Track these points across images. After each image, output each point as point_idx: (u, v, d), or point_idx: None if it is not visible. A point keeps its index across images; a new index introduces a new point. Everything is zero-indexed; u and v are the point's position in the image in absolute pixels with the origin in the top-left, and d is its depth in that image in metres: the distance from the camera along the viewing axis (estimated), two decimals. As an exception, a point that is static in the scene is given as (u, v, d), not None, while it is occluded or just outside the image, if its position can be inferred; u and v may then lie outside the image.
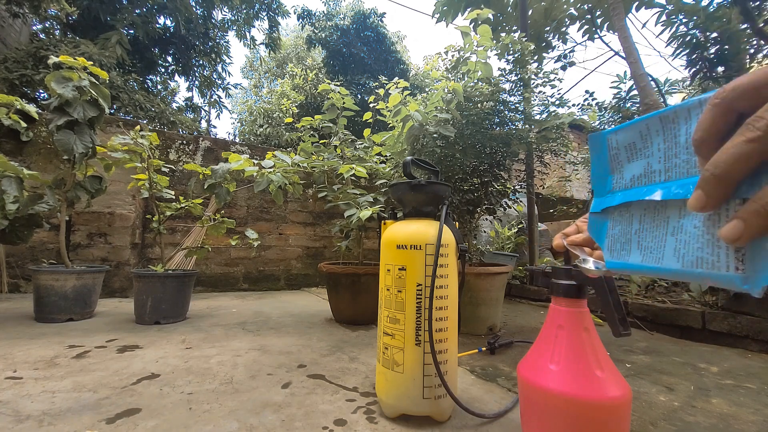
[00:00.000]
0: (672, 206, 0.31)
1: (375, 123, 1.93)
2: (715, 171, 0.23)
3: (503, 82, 1.66)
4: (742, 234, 0.22)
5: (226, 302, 2.10)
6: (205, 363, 1.03)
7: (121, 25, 5.34)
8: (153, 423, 0.68)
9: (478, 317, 1.43)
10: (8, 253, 2.07)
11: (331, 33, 7.93)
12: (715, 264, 0.26)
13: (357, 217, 1.42)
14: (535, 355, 0.56)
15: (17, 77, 3.84)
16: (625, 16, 2.66)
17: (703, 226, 0.27)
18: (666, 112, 0.31)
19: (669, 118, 0.31)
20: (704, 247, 0.27)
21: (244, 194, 2.71)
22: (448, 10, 3.35)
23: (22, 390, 0.81)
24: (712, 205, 0.24)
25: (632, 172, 0.35)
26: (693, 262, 0.28)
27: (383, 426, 0.69)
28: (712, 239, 0.26)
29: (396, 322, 0.71)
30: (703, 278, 0.28)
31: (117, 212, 2.22)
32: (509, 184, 1.91)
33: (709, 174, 0.24)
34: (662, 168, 0.32)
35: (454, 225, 0.78)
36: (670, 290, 1.77)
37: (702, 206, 0.25)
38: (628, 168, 0.36)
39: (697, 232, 0.28)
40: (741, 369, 1.09)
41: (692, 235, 0.28)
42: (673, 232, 0.30)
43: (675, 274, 0.30)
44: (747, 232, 0.22)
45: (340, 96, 1.78)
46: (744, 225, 0.22)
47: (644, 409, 0.80)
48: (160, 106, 5.44)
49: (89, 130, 1.53)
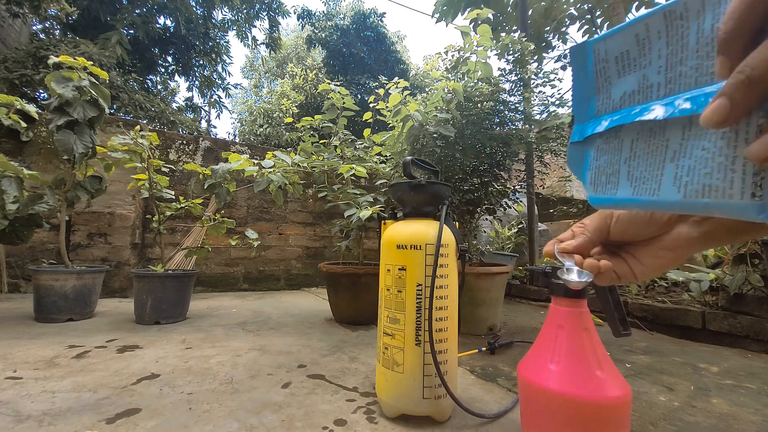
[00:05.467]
0: (673, 126, 0.25)
1: (375, 123, 1.93)
2: (752, 74, 0.18)
3: (503, 82, 1.66)
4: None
5: (226, 302, 2.09)
6: (205, 363, 1.03)
7: (121, 25, 5.34)
8: (153, 423, 0.68)
9: (478, 317, 1.43)
10: (8, 253, 2.07)
11: (331, 33, 7.94)
12: (727, 191, 0.22)
13: (357, 217, 1.42)
14: (535, 355, 0.56)
15: (17, 77, 3.84)
16: (625, 16, 2.66)
17: (715, 147, 0.22)
18: (673, 5, 0.24)
19: (676, 12, 0.24)
20: (714, 173, 0.23)
21: (244, 194, 2.71)
22: (448, 10, 3.35)
23: (22, 390, 0.81)
24: (736, 116, 0.20)
25: (623, 88, 0.29)
26: (698, 191, 0.23)
27: (383, 426, 0.69)
28: (726, 162, 0.22)
29: (396, 322, 0.71)
30: (709, 208, 0.24)
31: (117, 212, 2.22)
32: (509, 184, 1.91)
33: (744, 77, 0.19)
34: (662, 80, 0.26)
35: (454, 225, 0.78)
36: (670, 290, 1.77)
37: (724, 118, 0.20)
38: (618, 84, 0.29)
39: (706, 155, 0.23)
40: (741, 369, 1.09)
41: (700, 159, 0.23)
42: (674, 157, 0.25)
43: (674, 205, 0.26)
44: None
45: (340, 96, 1.78)
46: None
47: (644, 409, 0.80)
48: (160, 106, 5.45)
49: (89, 130, 1.53)
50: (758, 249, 1.37)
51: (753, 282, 1.31)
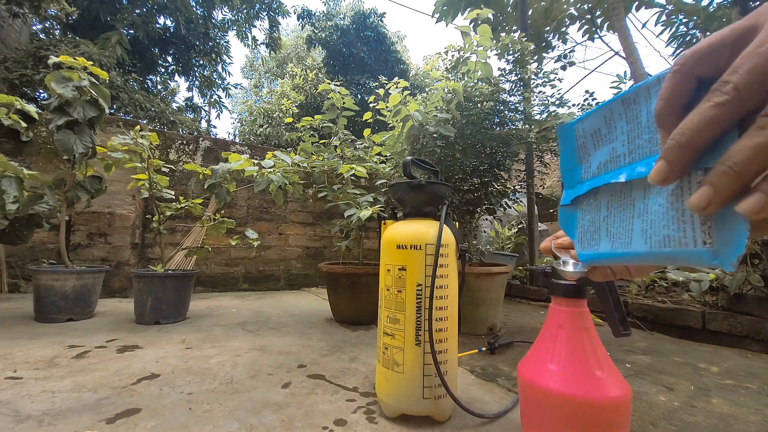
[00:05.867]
0: (637, 187, 0.30)
1: (375, 123, 1.93)
2: (681, 139, 0.22)
3: (503, 82, 1.66)
4: (711, 199, 0.21)
5: (226, 302, 2.10)
6: (205, 363, 1.03)
7: (121, 25, 5.34)
8: (153, 423, 0.68)
9: (478, 317, 1.43)
10: (8, 253, 2.07)
11: (331, 33, 7.94)
12: (682, 240, 0.25)
13: (357, 217, 1.42)
14: (535, 355, 0.56)
15: (17, 77, 3.84)
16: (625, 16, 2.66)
17: (667, 202, 0.26)
18: (627, 94, 0.30)
19: (630, 99, 0.30)
20: (670, 224, 0.26)
21: (244, 194, 2.71)
22: (448, 10, 3.35)
23: (22, 390, 0.81)
24: (674, 175, 0.23)
25: (599, 159, 0.35)
26: (660, 241, 0.27)
27: (383, 426, 0.69)
28: (677, 215, 0.25)
29: (396, 322, 0.71)
30: (672, 258, 0.26)
31: (117, 212, 2.22)
32: (509, 184, 1.91)
33: (674, 142, 0.23)
34: (626, 151, 0.31)
35: (454, 225, 0.78)
36: (670, 290, 1.77)
37: (664, 177, 0.24)
38: (595, 156, 0.35)
39: (662, 210, 0.27)
40: (741, 369, 1.09)
41: (657, 214, 0.27)
42: (640, 213, 0.29)
43: (644, 257, 0.29)
44: (716, 196, 0.21)
45: (340, 96, 1.78)
46: (713, 190, 0.21)
47: (644, 409, 0.80)
48: (160, 106, 5.45)
49: (89, 130, 1.53)
50: (758, 249, 1.37)
51: (753, 282, 1.31)
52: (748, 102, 0.20)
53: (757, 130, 0.20)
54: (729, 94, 0.20)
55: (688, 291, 1.61)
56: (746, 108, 0.21)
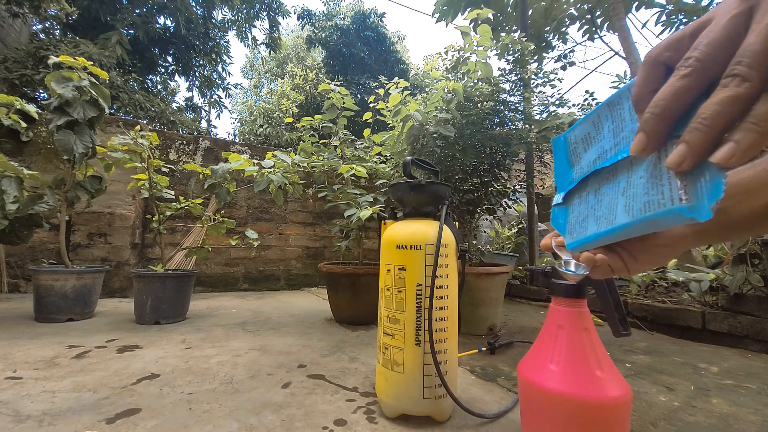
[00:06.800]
0: (621, 167, 0.33)
1: (375, 123, 1.93)
2: (655, 110, 0.25)
3: (503, 82, 1.66)
4: (686, 155, 0.23)
5: (226, 302, 2.09)
6: (205, 363, 1.03)
7: (121, 25, 5.34)
8: (153, 423, 0.68)
9: (478, 317, 1.43)
10: (8, 253, 2.07)
11: (331, 33, 7.93)
12: (661, 202, 0.27)
13: (357, 217, 1.42)
14: (535, 355, 0.56)
15: (17, 77, 3.84)
16: (625, 16, 2.66)
17: (647, 172, 0.28)
18: (612, 98, 0.33)
19: (615, 101, 0.33)
20: (649, 191, 0.28)
21: (244, 194, 2.71)
22: (448, 10, 3.35)
23: (22, 390, 0.81)
24: (653, 144, 0.26)
25: (589, 158, 0.38)
26: (641, 209, 0.29)
27: (383, 426, 0.69)
28: (656, 180, 0.27)
29: (396, 322, 0.71)
30: (652, 222, 0.28)
31: (117, 212, 2.22)
32: (509, 184, 1.91)
33: (650, 114, 0.25)
34: (612, 145, 0.34)
35: (454, 225, 0.78)
36: (670, 290, 1.77)
37: (643, 147, 0.26)
38: (585, 156, 0.38)
39: (643, 180, 0.29)
40: (741, 369, 1.09)
41: (639, 185, 0.29)
42: (623, 191, 0.32)
43: (627, 228, 0.31)
44: (691, 152, 0.23)
45: (340, 96, 1.78)
46: (687, 146, 0.23)
47: (644, 409, 0.80)
48: (160, 106, 5.44)
49: (89, 130, 1.53)
50: (758, 249, 1.37)
51: (753, 282, 1.31)
52: (710, 71, 0.23)
53: (721, 88, 0.22)
54: (692, 66, 0.23)
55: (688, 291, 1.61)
56: (709, 76, 0.23)
